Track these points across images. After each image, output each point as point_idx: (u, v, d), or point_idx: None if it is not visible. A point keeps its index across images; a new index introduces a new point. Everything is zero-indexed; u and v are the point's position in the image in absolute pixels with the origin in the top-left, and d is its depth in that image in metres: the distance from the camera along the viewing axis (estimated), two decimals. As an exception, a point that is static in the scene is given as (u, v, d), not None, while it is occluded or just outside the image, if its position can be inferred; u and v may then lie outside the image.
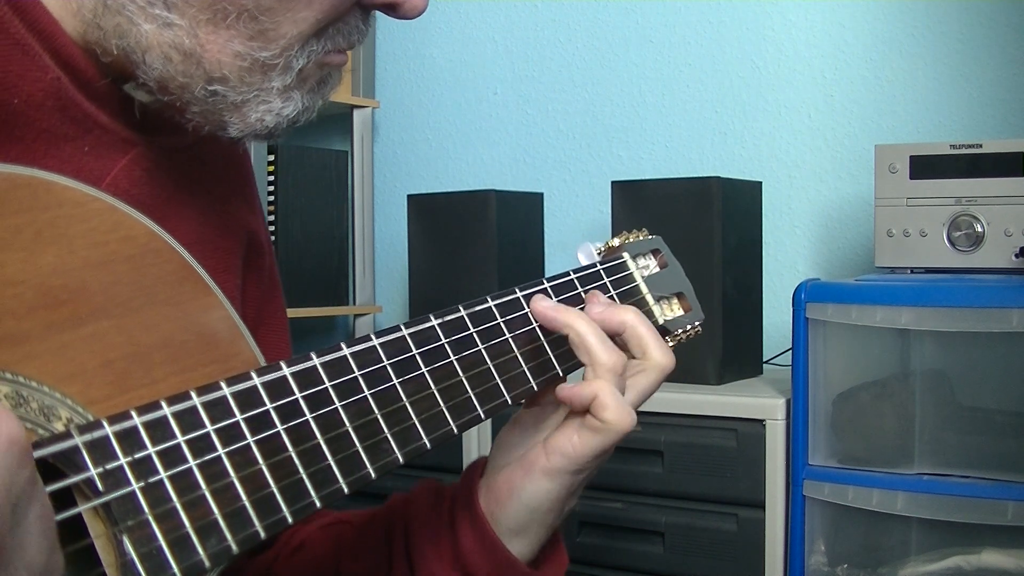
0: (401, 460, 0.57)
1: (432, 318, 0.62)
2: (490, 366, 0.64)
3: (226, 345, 0.58)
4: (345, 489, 0.54)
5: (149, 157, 0.67)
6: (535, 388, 0.66)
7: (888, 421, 1.35)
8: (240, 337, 0.59)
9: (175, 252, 0.57)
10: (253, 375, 0.52)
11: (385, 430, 0.57)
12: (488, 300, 0.66)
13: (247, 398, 0.51)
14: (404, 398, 0.58)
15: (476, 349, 0.63)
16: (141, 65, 0.61)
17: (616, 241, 0.79)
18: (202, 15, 0.59)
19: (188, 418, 0.49)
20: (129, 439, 0.47)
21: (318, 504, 0.52)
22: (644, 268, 0.79)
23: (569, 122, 2.08)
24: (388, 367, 0.58)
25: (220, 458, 0.49)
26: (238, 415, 0.50)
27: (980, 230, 1.37)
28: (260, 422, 0.51)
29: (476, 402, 0.62)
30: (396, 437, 0.57)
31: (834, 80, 1.82)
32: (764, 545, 1.39)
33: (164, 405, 0.48)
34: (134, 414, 0.47)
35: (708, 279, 1.51)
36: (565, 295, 0.71)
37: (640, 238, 0.80)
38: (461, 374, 0.62)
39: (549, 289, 0.70)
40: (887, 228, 1.43)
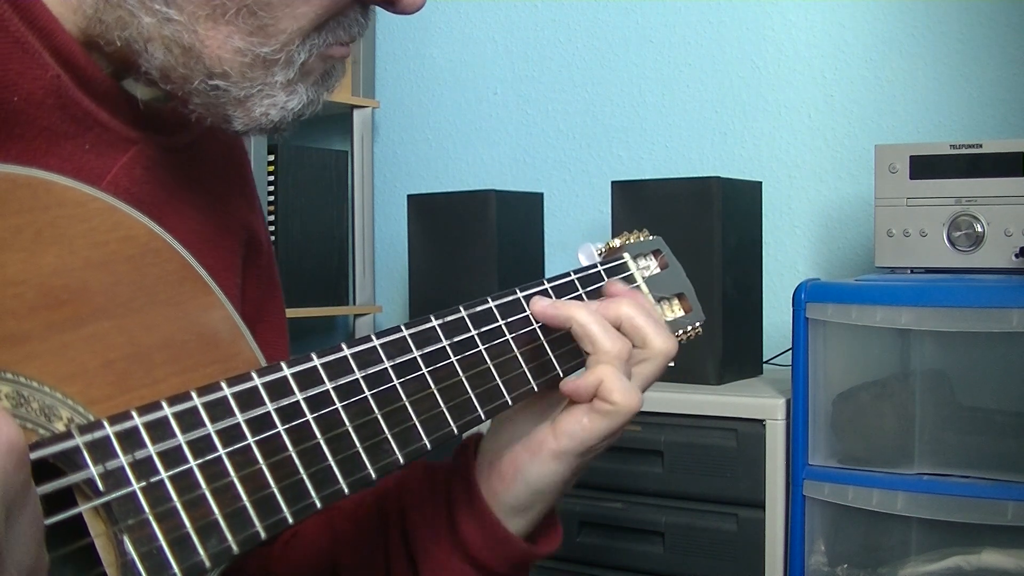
0: (402, 461, 0.57)
1: (433, 319, 0.62)
2: (490, 367, 0.64)
3: (227, 345, 0.58)
4: (346, 490, 0.54)
5: (149, 155, 0.67)
6: (535, 389, 0.66)
7: (888, 421, 1.35)
8: (241, 337, 0.59)
9: (175, 252, 0.57)
10: (254, 375, 0.52)
11: (385, 431, 0.57)
12: (489, 301, 0.66)
13: (248, 398, 0.51)
14: (404, 399, 0.58)
15: (477, 350, 0.64)
16: (143, 54, 0.61)
17: (617, 242, 0.79)
18: (201, 11, 0.59)
19: (189, 418, 0.49)
20: (130, 439, 0.47)
21: (318, 504, 0.52)
22: (645, 269, 0.79)
23: (569, 122, 2.08)
24: (389, 368, 0.58)
25: (221, 458, 0.49)
26: (239, 415, 0.51)
27: (980, 230, 1.36)
28: (261, 422, 0.51)
29: (476, 403, 0.62)
30: (396, 438, 0.57)
31: (834, 80, 1.82)
32: (764, 545, 1.39)
33: (165, 405, 0.48)
34: (135, 414, 0.47)
35: (708, 279, 1.51)
36: (566, 296, 0.71)
37: (641, 239, 0.80)
38: (461, 375, 0.62)
39: (550, 290, 0.70)
40: (887, 228, 1.43)
